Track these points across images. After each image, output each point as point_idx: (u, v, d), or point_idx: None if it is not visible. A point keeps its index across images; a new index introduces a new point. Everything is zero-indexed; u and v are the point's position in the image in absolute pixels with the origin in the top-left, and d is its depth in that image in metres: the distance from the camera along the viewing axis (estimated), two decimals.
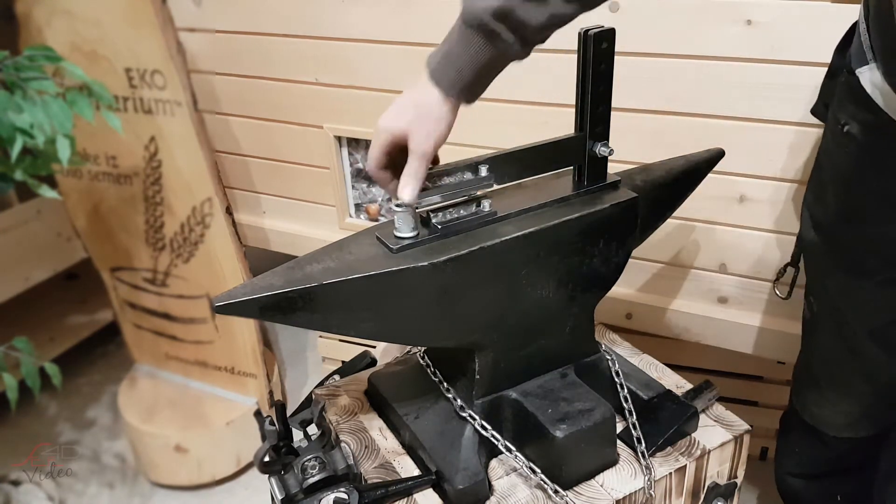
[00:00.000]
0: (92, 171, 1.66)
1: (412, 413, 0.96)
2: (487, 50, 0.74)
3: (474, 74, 0.76)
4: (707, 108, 1.20)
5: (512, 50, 0.74)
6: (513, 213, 0.88)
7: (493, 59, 0.75)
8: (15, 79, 1.15)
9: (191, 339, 1.76)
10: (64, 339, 2.06)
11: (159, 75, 1.47)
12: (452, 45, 0.75)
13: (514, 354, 0.92)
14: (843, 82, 0.91)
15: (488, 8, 0.70)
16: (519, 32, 0.72)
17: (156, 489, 1.77)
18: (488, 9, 0.70)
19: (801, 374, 1.13)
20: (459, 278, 0.82)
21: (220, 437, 1.71)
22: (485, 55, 0.74)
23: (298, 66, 1.52)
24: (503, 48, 0.73)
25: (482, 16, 0.71)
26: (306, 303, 0.76)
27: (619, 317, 1.45)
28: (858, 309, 0.98)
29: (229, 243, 1.59)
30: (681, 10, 1.15)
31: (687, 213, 1.27)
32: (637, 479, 0.90)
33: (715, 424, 0.99)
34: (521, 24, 0.71)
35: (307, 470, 0.86)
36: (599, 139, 0.92)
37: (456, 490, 0.86)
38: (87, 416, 2.00)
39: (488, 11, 0.71)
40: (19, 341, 1.34)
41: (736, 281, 1.33)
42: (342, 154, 1.59)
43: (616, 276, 0.96)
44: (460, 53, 0.74)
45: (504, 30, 0.72)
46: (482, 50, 0.74)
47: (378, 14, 1.38)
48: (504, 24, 0.71)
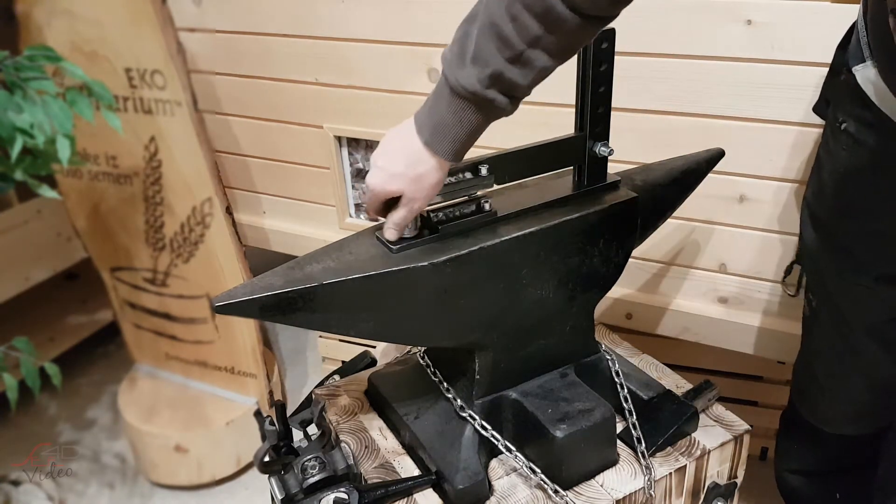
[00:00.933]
0: (92, 171, 1.66)
1: (412, 413, 0.96)
2: (480, 116, 0.75)
3: (468, 140, 0.77)
4: (707, 108, 1.20)
5: (505, 110, 0.75)
6: (513, 213, 0.88)
7: (486, 121, 0.76)
8: (15, 79, 1.15)
9: (191, 339, 1.76)
10: (64, 339, 2.06)
11: (159, 75, 1.47)
12: (443, 114, 0.75)
13: (514, 354, 0.92)
14: (843, 80, 0.92)
15: (482, 79, 0.71)
16: (510, 94, 0.73)
17: (156, 489, 1.77)
18: (482, 79, 0.71)
19: (800, 371, 1.14)
20: (459, 278, 0.82)
21: (220, 437, 1.71)
22: (478, 121, 0.75)
23: (298, 66, 1.52)
24: (495, 112, 0.75)
25: (474, 87, 0.72)
26: (306, 303, 0.76)
27: (619, 317, 1.45)
28: (856, 306, 0.99)
29: (229, 243, 1.59)
30: (681, 10, 1.15)
31: (687, 213, 1.27)
32: (637, 479, 0.90)
33: (715, 424, 0.99)
34: (511, 86, 0.72)
35: (307, 470, 0.86)
36: (599, 139, 0.92)
37: (456, 490, 0.86)
38: (87, 416, 2.00)
39: (483, 83, 0.71)
40: (19, 341, 1.34)
41: (736, 281, 1.33)
42: (342, 154, 1.59)
43: (616, 276, 0.96)
44: (453, 124, 0.75)
45: (497, 94, 0.72)
46: (475, 117, 0.75)
47: (378, 14, 1.38)
48: (496, 89, 0.72)
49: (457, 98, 0.74)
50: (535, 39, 0.69)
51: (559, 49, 0.71)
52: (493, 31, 0.69)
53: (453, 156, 0.78)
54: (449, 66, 0.73)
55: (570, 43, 0.72)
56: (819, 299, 1.05)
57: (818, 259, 1.03)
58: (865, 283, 0.95)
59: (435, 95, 0.76)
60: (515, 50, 0.70)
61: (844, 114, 0.92)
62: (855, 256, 0.96)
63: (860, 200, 0.93)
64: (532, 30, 0.68)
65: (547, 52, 0.70)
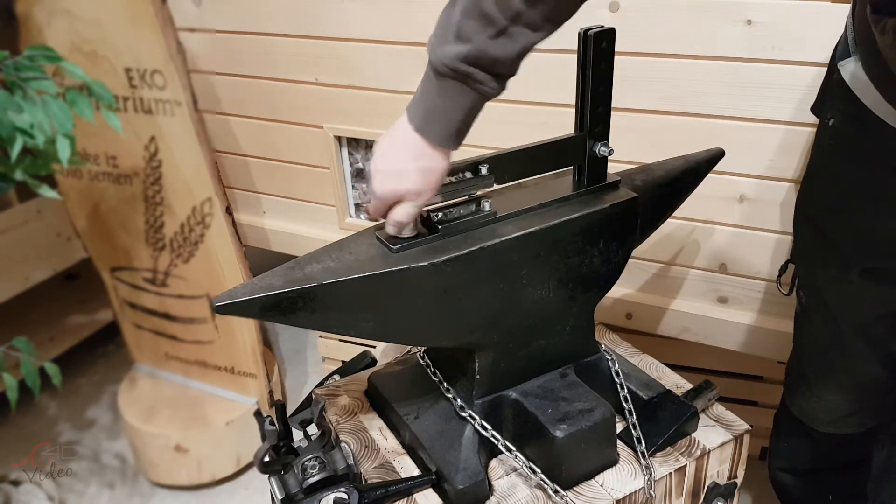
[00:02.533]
0: (92, 171, 1.66)
1: (412, 413, 0.96)
2: (468, 96, 0.75)
3: (460, 124, 0.77)
4: (707, 108, 1.20)
5: (488, 87, 0.75)
6: (513, 213, 0.88)
7: (473, 102, 0.76)
8: (15, 79, 1.15)
9: (191, 339, 1.76)
10: (64, 339, 2.06)
11: (159, 75, 1.47)
12: (432, 98, 0.76)
13: (514, 354, 0.92)
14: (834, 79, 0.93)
15: (458, 54, 0.71)
16: (492, 70, 0.73)
17: (156, 489, 1.77)
18: (458, 55, 0.71)
19: (791, 369, 1.14)
20: (459, 278, 0.82)
21: (220, 437, 1.71)
22: (466, 102, 0.75)
23: (298, 66, 1.52)
24: (479, 89, 0.74)
25: (452, 63, 0.72)
26: (306, 303, 0.76)
27: (619, 317, 1.45)
28: (844, 303, 0.99)
29: (229, 243, 1.59)
30: (681, 10, 1.15)
31: (687, 213, 1.27)
32: (637, 479, 0.90)
33: (715, 424, 0.99)
34: (493, 61, 0.72)
35: (307, 470, 0.86)
36: (599, 139, 0.92)
37: (456, 490, 0.86)
38: (87, 416, 2.00)
39: (458, 57, 0.71)
40: (19, 341, 1.34)
41: (736, 281, 1.33)
42: (342, 154, 1.59)
43: (616, 276, 0.96)
44: (442, 106, 0.75)
45: (477, 71, 0.72)
46: (462, 97, 0.75)
47: (378, 14, 1.38)
48: (476, 67, 0.72)
49: (442, 78, 0.74)
50: (517, 15, 0.70)
51: (542, 22, 0.71)
52: (475, 10, 0.70)
53: (447, 139, 0.77)
54: (433, 50, 0.74)
55: (552, 15, 0.72)
56: (809, 297, 1.05)
57: (808, 255, 1.04)
58: (851, 279, 0.96)
59: (422, 82, 0.76)
60: (498, 26, 0.70)
61: (833, 110, 0.93)
62: (841, 251, 0.96)
63: (844, 194, 0.95)
64: (514, 5, 0.69)
65: (530, 26, 0.71)
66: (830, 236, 0.97)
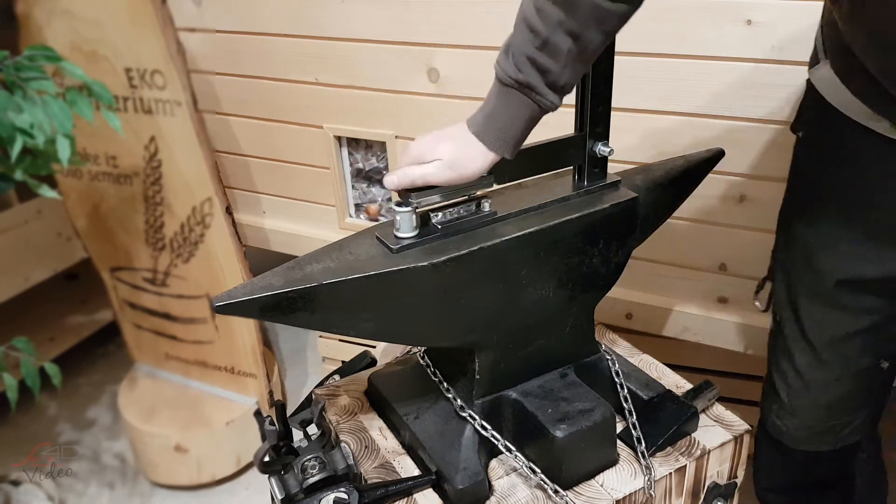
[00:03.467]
0: (92, 171, 1.66)
1: (412, 413, 0.96)
2: (527, 106, 0.78)
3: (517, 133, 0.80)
4: (707, 108, 1.20)
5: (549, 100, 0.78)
6: (513, 213, 0.88)
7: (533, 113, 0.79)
8: (15, 79, 1.15)
9: (191, 339, 1.76)
10: (64, 339, 2.06)
11: (159, 75, 1.47)
12: (493, 105, 0.80)
13: (513, 354, 0.92)
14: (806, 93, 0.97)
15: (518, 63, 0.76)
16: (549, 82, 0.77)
17: (156, 489, 1.77)
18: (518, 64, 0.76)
19: (765, 387, 1.13)
20: (459, 278, 0.82)
21: (220, 437, 1.71)
22: (525, 112, 0.79)
23: (298, 66, 1.52)
24: (539, 101, 0.78)
25: (515, 74, 0.76)
26: (306, 303, 0.76)
27: (619, 317, 1.45)
28: (817, 319, 0.99)
29: (229, 243, 1.59)
30: (681, 10, 1.15)
31: (687, 213, 1.27)
32: (637, 479, 0.90)
33: (715, 424, 0.99)
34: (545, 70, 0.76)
35: (307, 470, 0.86)
36: (599, 139, 0.92)
37: (456, 490, 0.86)
38: (87, 416, 2.00)
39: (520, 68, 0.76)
40: (19, 341, 1.34)
41: (736, 281, 1.33)
42: (342, 154, 1.59)
43: (616, 276, 0.96)
44: (502, 113, 0.79)
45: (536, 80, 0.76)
46: (521, 108, 0.79)
47: (378, 14, 1.38)
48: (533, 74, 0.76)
49: (503, 87, 0.78)
50: (557, 24, 0.73)
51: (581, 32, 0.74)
52: (524, 24, 0.75)
53: (500, 145, 0.80)
54: (498, 63, 0.79)
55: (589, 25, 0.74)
56: (783, 313, 1.05)
57: (782, 268, 1.05)
58: (825, 292, 0.96)
59: (488, 94, 0.81)
60: (541, 37, 0.74)
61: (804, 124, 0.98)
62: (814, 263, 0.97)
63: (815, 202, 0.96)
64: (553, 16, 0.73)
65: (570, 35, 0.74)
66: (805, 249, 0.98)
